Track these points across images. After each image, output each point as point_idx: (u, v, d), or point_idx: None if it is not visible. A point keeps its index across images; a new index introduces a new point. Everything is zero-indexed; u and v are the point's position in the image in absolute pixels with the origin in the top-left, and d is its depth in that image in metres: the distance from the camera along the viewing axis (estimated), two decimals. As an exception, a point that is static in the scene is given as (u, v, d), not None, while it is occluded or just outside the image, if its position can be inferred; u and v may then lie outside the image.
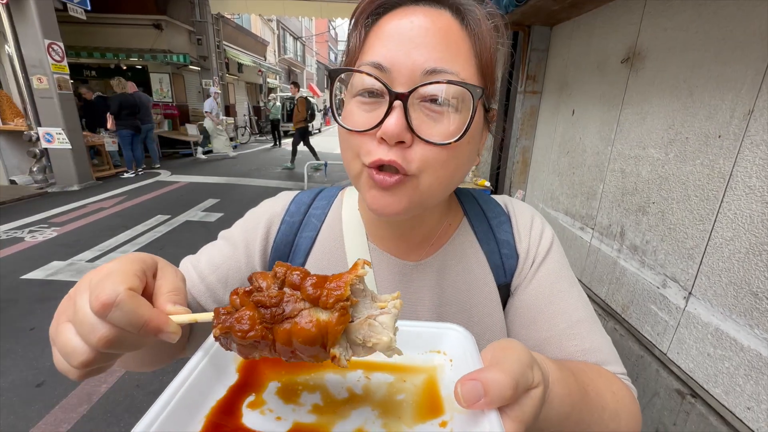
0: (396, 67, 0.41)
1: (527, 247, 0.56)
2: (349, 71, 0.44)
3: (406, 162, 0.42)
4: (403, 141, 0.41)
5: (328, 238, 0.58)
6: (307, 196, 0.62)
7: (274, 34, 22.64)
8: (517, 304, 0.55)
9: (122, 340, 0.30)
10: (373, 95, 0.42)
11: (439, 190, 0.45)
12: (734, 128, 1.17)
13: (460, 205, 0.61)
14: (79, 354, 0.31)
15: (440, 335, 0.41)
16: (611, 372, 0.49)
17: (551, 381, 0.34)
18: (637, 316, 1.61)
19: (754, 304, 1.10)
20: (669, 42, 1.46)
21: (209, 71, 11.31)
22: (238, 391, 0.37)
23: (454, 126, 0.42)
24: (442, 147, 0.42)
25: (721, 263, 1.21)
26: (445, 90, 0.40)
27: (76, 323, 0.31)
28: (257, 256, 0.56)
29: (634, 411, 0.45)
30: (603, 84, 1.90)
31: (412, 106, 0.41)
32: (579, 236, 2.10)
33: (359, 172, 0.45)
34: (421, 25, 0.41)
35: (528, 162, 2.86)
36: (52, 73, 5.62)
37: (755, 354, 1.09)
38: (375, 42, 0.43)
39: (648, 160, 1.56)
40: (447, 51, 0.41)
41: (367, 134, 0.43)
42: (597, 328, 0.52)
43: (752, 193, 1.11)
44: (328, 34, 36.94)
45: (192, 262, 0.56)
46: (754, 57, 1.11)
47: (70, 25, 7.07)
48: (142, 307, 0.31)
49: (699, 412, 1.26)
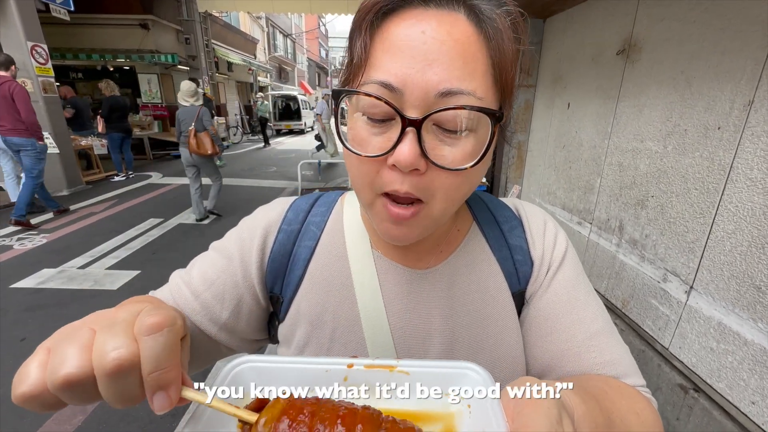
0: (408, 88, 0.37)
1: (542, 253, 0.54)
2: (356, 93, 0.39)
3: (419, 191, 0.40)
4: (418, 168, 0.38)
5: (330, 246, 0.55)
6: (305, 202, 0.58)
7: (264, 32, 22.39)
8: (533, 313, 0.53)
9: (126, 375, 0.28)
10: (382, 119, 0.39)
11: (451, 211, 0.44)
12: (734, 119, 1.15)
13: (468, 210, 0.58)
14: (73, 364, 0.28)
15: (456, 376, 0.38)
16: (632, 387, 0.46)
17: (577, 419, 0.32)
18: (637, 311, 1.60)
19: (758, 297, 1.08)
20: (666, 32, 1.43)
21: (198, 71, 11.15)
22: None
23: (470, 149, 0.39)
24: (457, 172, 0.39)
25: (723, 256, 1.20)
26: (460, 115, 0.37)
27: (103, 332, 0.28)
28: (254, 268, 0.53)
29: (657, 427, 0.43)
30: (598, 76, 1.88)
31: (425, 130, 0.38)
32: (577, 231, 2.08)
33: (372, 200, 0.43)
34: (435, 37, 0.36)
35: (524, 157, 2.84)
36: (37, 76, 5.49)
37: (759, 348, 1.08)
38: (382, 55, 0.38)
39: (646, 153, 1.54)
40: (464, 68, 0.37)
41: (378, 160, 0.40)
42: (615, 338, 0.50)
43: (753, 185, 1.09)
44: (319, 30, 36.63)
45: (183, 278, 0.52)
46: (754, 46, 1.09)
47: (53, 26, 6.91)
48: (177, 351, 0.29)
49: (702, 407, 1.25)
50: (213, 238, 0.57)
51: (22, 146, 4.32)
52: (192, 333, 0.48)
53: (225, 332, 0.51)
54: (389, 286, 0.52)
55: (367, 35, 0.39)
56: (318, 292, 0.53)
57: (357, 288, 0.52)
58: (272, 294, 0.55)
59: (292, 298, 0.53)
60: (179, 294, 0.50)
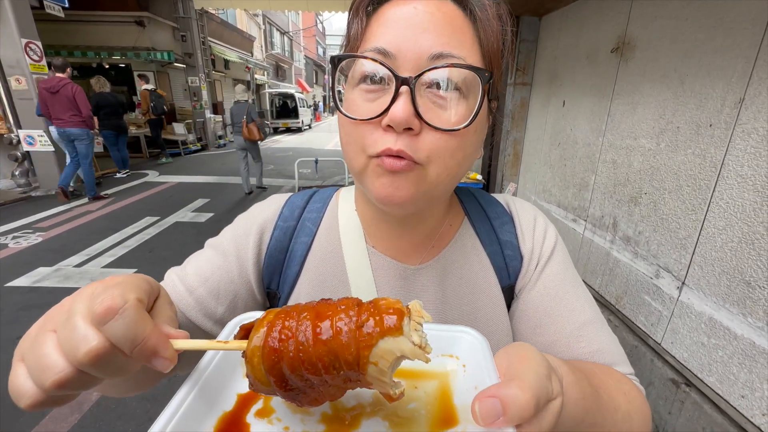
0: (402, 53, 0.39)
1: (531, 248, 0.55)
2: (353, 57, 0.42)
3: (414, 150, 0.40)
4: (412, 128, 0.39)
5: (325, 242, 0.55)
6: (301, 198, 0.59)
7: (261, 30, 22.28)
8: (523, 306, 0.54)
9: (109, 359, 0.27)
10: (377, 82, 0.41)
11: (446, 181, 0.44)
12: (725, 117, 1.17)
13: (460, 205, 0.59)
14: (56, 370, 0.27)
15: (453, 339, 0.40)
16: (621, 373, 0.48)
17: (565, 385, 0.33)
18: (631, 307, 1.62)
19: (747, 292, 1.10)
20: (659, 31, 1.44)
21: (195, 68, 11.08)
22: (245, 400, 0.36)
23: (462, 112, 0.41)
24: (450, 135, 0.40)
25: (714, 253, 1.21)
26: (452, 74, 0.39)
27: (65, 331, 0.27)
28: (250, 264, 0.53)
29: (645, 412, 0.45)
30: (593, 75, 1.89)
31: (418, 93, 0.39)
32: (572, 228, 2.10)
33: (364, 165, 0.43)
34: (426, 10, 0.40)
35: (519, 154, 2.85)
36: (31, 74, 5.45)
37: (749, 342, 1.09)
38: (377, 28, 0.42)
39: (639, 150, 1.55)
40: (453, 36, 0.40)
41: (372, 123, 0.41)
42: (604, 328, 0.51)
43: (744, 182, 1.11)
44: (316, 28, 36.48)
45: (178, 274, 0.52)
46: (745, 45, 1.10)
47: (48, 23, 6.84)
48: (146, 321, 0.28)
49: (693, 401, 1.27)
50: (210, 236, 0.58)
51: (79, 136, 5.17)
52: (187, 328, 0.49)
53: (221, 327, 0.52)
54: (384, 282, 0.53)
55: (364, 16, 0.44)
56: (315, 287, 0.53)
57: (352, 284, 0.52)
58: (269, 290, 0.55)
59: (290, 294, 0.54)
60: (174, 290, 0.50)
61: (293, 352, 0.29)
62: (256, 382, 0.31)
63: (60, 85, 4.87)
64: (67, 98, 4.92)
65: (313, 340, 0.29)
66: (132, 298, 0.28)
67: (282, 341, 0.29)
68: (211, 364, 0.36)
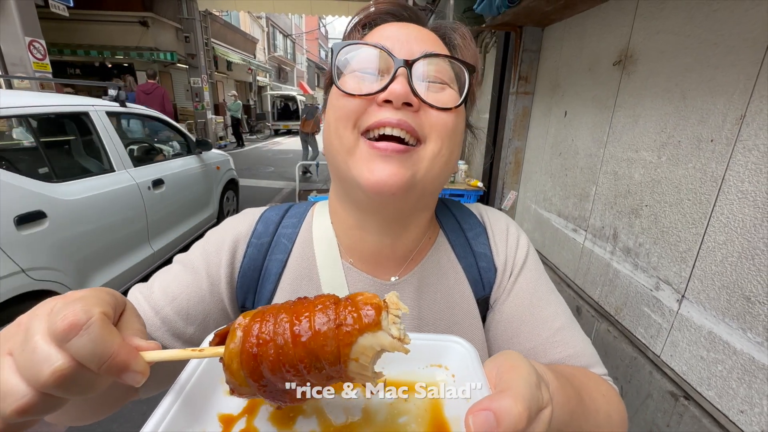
0: (396, 49, 0.43)
1: (504, 259, 0.56)
2: (355, 44, 0.45)
3: (414, 123, 0.42)
4: (410, 104, 0.41)
5: (300, 259, 0.54)
6: (275, 213, 0.57)
7: (264, 32, 22.38)
8: (498, 317, 0.54)
9: (75, 378, 0.25)
10: (373, 71, 0.44)
11: (438, 168, 0.45)
12: (726, 132, 1.18)
13: (435, 218, 0.59)
14: (17, 396, 0.25)
15: (441, 348, 0.40)
16: (597, 375, 0.49)
17: (552, 391, 0.34)
18: (630, 318, 1.62)
19: (747, 308, 1.10)
20: (661, 45, 1.46)
21: (197, 69, 11.11)
22: (226, 422, 0.34)
23: (452, 95, 0.45)
24: (447, 113, 0.44)
25: (714, 267, 1.22)
26: (443, 64, 0.45)
27: (23, 353, 0.25)
28: (223, 283, 0.51)
29: (621, 411, 0.46)
30: (595, 86, 1.91)
31: (414, 78, 0.43)
32: (572, 238, 2.10)
33: (353, 144, 0.43)
34: (414, 30, 0.47)
35: (521, 163, 2.86)
36: (34, 72, 5.45)
37: (748, 357, 1.10)
38: (371, 39, 0.47)
39: (640, 163, 1.56)
40: (437, 48, 0.47)
41: (367, 100, 0.42)
42: (578, 332, 0.52)
43: (745, 197, 1.12)
44: (319, 31, 36.64)
45: (143, 292, 0.49)
46: (747, 62, 1.11)
47: (52, 21, 6.87)
48: (113, 335, 0.27)
49: (692, 415, 1.27)
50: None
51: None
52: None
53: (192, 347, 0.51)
54: None
55: (358, 35, 0.50)
56: None
57: None
58: (243, 308, 0.53)
59: None
60: (138, 309, 0.45)
61: (273, 355, 0.29)
62: (237, 387, 0.31)
63: (152, 88, 6.91)
64: (157, 98, 6.73)
65: (292, 343, 0.29)
66: (96, 312, 0.26)
67: (260, 346, 0.29)
68: (192, 379, 0.34)
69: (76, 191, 2.27)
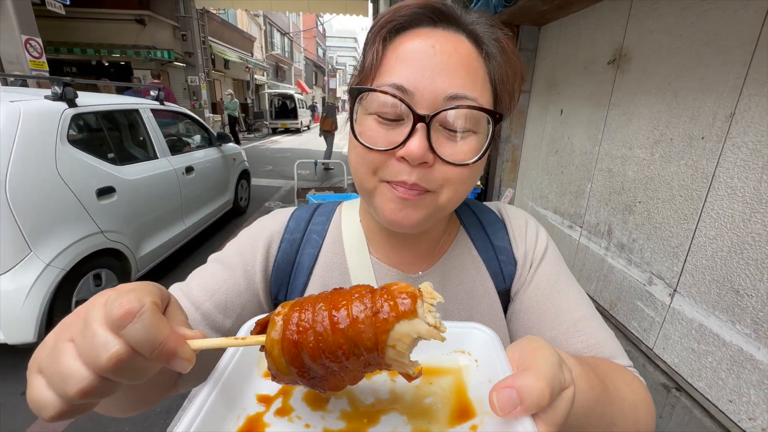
0: (419, 91, 0.42)
1: (524, 252, 0.58)
2: (372, 91, 0.43)
3: (427, 182, 0.43)
4: (426, 162, 0.42)
5: (330, 253, 0.57)
6: (305, 212, 0.61)
7: (261, 30, 22.30)
8: (518, 307, 0.56)
9: (130, 363, 0.27)
10: (392, 116, 0.43)
11: (454, 203, 0.47)
12: (717, 130, 1.21)
13: (456, 215, 0.62)
14: (79, 379, 0.27)
15: (464, 335, 0.41)
16: (621, 365, 0.49)
17: (575, 376, 0.34)
18: (624, 313, 1.65)
19: (736, 300, 1.13)
20: (655, 44, 1.48)
21: (195, 68, 11.09)
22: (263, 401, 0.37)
23: (472, 145, 0.44)
24: (462, 167, 0.43)
25: (705, 261, 1.25)
26: (465, 114, 0.42)
27: (83, 339, 0.27)
28: (258, 277, 0.55)
29: (648, 401, 0.46)
30: (590, 84, 1.93)
31: (433, 129, 0.42)
32: (568, 234, 2.13)
33: (374, 186, 0.46)
34: (444, 51, 0.42)
35: (517, 161, 2.89)
36: (31, 70, 5.43)
37: (737, 349, 1.13)
38: (395, 63, 0.43)
39: (634, 160, 1.59)
40: (467, 77, 0.43)
41: (386, 152, 0.43)
42: (600, 323, 0.53)
43: (734, 193, 1.15)
44: (316, 29, 36.55)
45: (182, 289, 0.52)
46: (736, 61, 1.14)
47: (48, 19, 6.85)
48: (163, 323, 0.29)
49: (684, 405, 1.30)
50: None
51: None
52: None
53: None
54: None
55: (380, 46, 0.45)
56: None
57: None
58: (276, 300, 0.57)
59: None
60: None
61: (313, 342, 0.30)
62: (278, 373, 0.32)
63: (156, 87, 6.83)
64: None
65: (331, 330, 0.30)
66: (148, 301, 0.28)
67: (300, 333, 0.30)
68: (229, 366, 0.36)
69: (134, 172, 2.89)
